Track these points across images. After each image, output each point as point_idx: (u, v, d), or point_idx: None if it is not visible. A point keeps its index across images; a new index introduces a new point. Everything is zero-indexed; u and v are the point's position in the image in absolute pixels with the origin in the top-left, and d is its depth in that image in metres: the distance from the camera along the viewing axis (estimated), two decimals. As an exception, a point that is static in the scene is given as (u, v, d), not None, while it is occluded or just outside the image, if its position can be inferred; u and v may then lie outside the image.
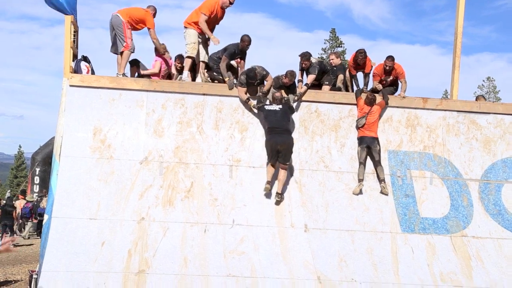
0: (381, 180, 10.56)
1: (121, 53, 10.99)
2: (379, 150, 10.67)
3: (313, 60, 11.39)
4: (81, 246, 9.25)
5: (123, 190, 9.93)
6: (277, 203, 10.16)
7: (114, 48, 11.19)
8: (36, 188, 27.09)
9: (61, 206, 9.63)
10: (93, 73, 11.10)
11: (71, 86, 10.42)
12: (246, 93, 10.75)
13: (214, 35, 11.21)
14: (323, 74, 11.46)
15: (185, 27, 11.40)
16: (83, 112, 10.38)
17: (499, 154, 11.19)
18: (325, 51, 52.95)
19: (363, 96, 11.06)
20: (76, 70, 10.80)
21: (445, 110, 11.30)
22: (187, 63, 11.31)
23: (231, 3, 11.40)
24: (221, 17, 11.63)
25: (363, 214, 10.30)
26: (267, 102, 10.66)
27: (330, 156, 10.81)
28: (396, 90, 11.58)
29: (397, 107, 11.12)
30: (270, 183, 10.17)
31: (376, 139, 10.73)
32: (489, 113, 11.31)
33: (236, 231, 9.76)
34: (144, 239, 9.45)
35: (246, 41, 11.13)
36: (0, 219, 21.57)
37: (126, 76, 11.02)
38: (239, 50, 11.17)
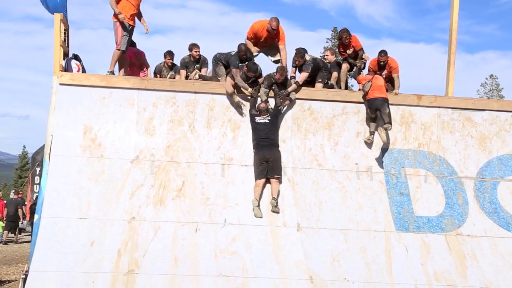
0: (386, 123, 10.43)
1: None
2: (389, 112, 10.51)
3: (307, 57, 11.22)
4: (70, 246, 9.17)
5: (113, 189, 9.84)
6: (273, 210, 9.95)
7: None
8: (36, 188, 26.99)
9: (50, 206, 9.54)
10: (84, 71, 11.01)
11: (61, 84, 10.32)
12: (233, 86, 10.58)
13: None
14: (317, 71, 11.29)
15: None
16: (73, 111, 10.29)
17: (494, 151, 11.04)
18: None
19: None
20: (67, 69, 10.68)
21: (440, 107, 11.16)
22: None
23: (273, 29, 10.99)
24: (271, 40, 11.38)
25: (356, 212, 10.19)
26: (257, 112, 10.46)
27: (324, 154, 10.69)
28: (392, 87, 11.43)
29: (391, 104, 10.91)
30: (259, 201, 10.00)
31: (386, 100, 10.59)
32: (484, 109, 11.15)
33: (227, 231, 9.65)
34: (134, 239, 9.37)
35: (242, 51, 10.83)
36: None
37: (113, 74, 10.88)
38: (240, 60, 10.81)
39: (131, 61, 11.60)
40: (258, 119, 10.32)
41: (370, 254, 9.68)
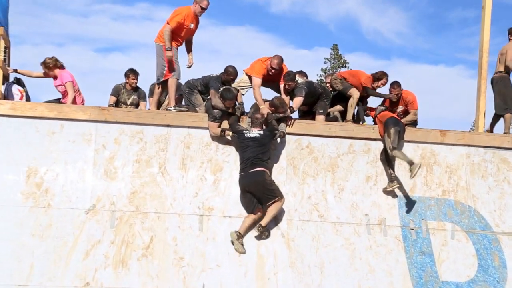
0: (393, 177, 9.51)
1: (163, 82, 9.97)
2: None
3: (300, 80, 10.09)
4: (7, 323, 7.81)
5: (63, 247, 8.53)
6: (258, 237, 8.88)
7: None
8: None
9: (-18, 271, 8.26)
10: (28, 99, 9.72)
11: (-1, 115, 9.17)
12: (219, 127, 9.36)
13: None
14: (314, 99, 10.12)
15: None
16: (14, 149, 8.94)
17: (538, 200, 9.94)
18: (325, 72, 50.46)
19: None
20: (7, 96, 9.44)
21: (469, 146, 9.97)
22: None
23: (273, 68, 9.81)
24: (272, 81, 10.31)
25: (367, 276, 8.99)
26: (246, 128, 9.33)
27: (326, 203, 9.41)
28: (415, 126, 10.41)
29: (409, 141, 9.76)
30: (241, 235, 8.77)
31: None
32: (523, 148, 10.03)
33: (207, 300, 8.50)
34: (88, 313, 8.07)
35: (232, 75, 9.68)
36: None
37: (184, 107, 9.88)
38: (222, 83, 9.69)
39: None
40: (247, 134, 9.09)
41: (386, 331, 8.40)
